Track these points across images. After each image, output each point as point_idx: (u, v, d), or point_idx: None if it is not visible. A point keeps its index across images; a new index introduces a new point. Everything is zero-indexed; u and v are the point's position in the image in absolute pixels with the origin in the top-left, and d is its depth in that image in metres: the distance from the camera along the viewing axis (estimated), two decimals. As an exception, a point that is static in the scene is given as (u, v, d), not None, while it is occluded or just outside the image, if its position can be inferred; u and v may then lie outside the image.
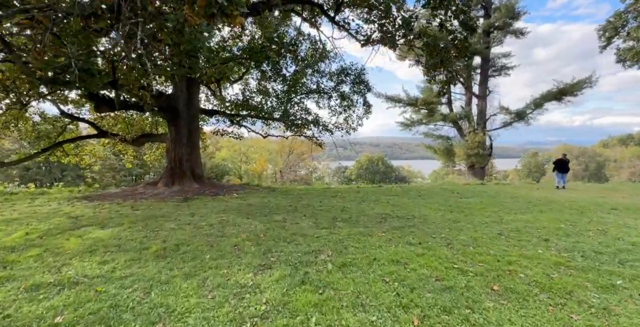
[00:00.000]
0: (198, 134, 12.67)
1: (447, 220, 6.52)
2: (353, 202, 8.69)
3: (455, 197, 9.74)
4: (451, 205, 8.21)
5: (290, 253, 4.45)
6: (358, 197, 9.71)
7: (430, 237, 5.24)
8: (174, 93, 11.75)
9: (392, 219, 6.65)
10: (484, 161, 22.22)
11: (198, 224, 6.21)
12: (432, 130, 26.62)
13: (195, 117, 12.33)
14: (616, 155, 60.36)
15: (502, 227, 5.89)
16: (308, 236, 5.33)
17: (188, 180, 11.46)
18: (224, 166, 48.07)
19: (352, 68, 15.79)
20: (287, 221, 6.47)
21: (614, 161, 59.19)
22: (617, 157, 59.63)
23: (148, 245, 4.86)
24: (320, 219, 6.65)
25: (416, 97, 25.89)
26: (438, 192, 11.25)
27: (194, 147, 12.11)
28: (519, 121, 22.34)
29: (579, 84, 20.89)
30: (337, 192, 11.29)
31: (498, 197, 9.87)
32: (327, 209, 7.73)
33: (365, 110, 16.40)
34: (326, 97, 16.19)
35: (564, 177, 12.56)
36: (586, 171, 60.62)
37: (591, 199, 9.46)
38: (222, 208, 7.87)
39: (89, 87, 3.74)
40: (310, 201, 9.06)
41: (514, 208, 7.74)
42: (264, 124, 15.46)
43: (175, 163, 11.60)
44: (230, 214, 7.10)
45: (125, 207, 7.95)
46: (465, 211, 7.45)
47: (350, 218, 6.67)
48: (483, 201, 8.80)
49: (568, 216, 6.82)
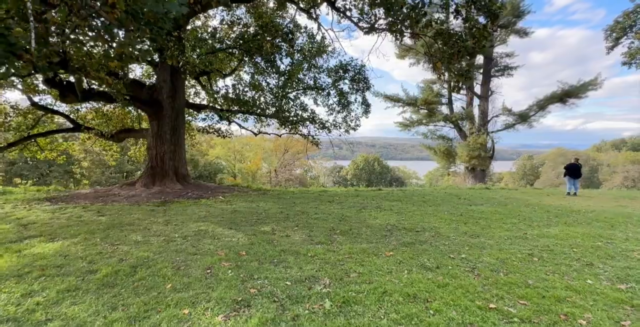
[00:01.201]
0: (183, 130, 11.62)
1: (462, 234, 5.61)
2: (352, 209, 7.74)
3: (464, 204, 8.85)
4: (462, 214, 7.31)
5: (277, 281, 3.49)
6: (357, 203, 8.77)
7: (448, 258, 4.31)
8: (156, 84, 10.68)
9: (399, 231, 5.71)
10: (486, 164, 21.47)
11: (170, 236, 5.21)
12: (432, 131, 25.81)
13: (181, 112, 11.28)
14: (609, 160, 60.38)
15: (530, 245, 4.98)
16: (300, 255, 4.37)
17: (170, 180, 10.41)
18: (217, 164, 46.89)
19: (352, 64, 14.87)
20: (276, 233, 5.50)
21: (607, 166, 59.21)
22: (610, 161, 59.67)
23: (98, 266, 3.85)
24: (316, 230, 5.69)
25: (416, 97, 25.07)
26: (443, 197, 10.35)
27: (179, 145, 11.06)
28: (521, 123, 21.62)
29: (584, 86, 20.22)
30: (334, 196, 10.33)
31: (510, 204, 9.00)
32: (324, 217, 6.77)
33: (364, 110, 15.50)
34: (324, 94, 15.27)
35: (576, 183, 11.76)
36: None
37: (613, 208, 8.64)
38: (202, 214, 6.86)
39: (8, 64, 2.80)
40: (304, 206, 8.09)
41: (534, 219, 6.86)
42: (257, 121, 14.44)
43: (156, 161, 10.54)
44: (210, 223, 6.11)
45: (91, 212, 6.90)
46: (481, 222, 6.55)
47: (351, 230, 5.72)
48: (497, 210, 7.91)
49: (599, 231, 5.95)
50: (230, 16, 13.02)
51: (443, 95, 25.25)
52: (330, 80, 14.90)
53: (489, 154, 21.34)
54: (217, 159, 47.43)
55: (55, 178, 32.06)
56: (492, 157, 21.77)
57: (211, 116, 13.77)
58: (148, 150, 10.88)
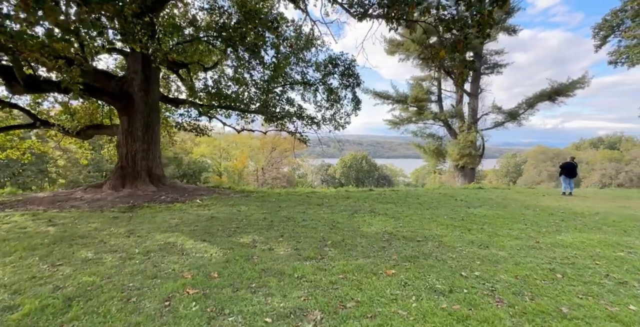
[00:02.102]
0: (159, 127, 10.61)
1: (469, 243, 4.97)
2: (344, 214, 7.02)
3: (462, 207, 8.28)
4: (464, 218, 6.70)
5: (254, 317, 2.72)
6: (349, 206, 8.06)
7: (460, 277, 3.64)
8: (126, 75, 9.64)
9: (398, 241, 5.02)
10: (476, 162, 21.21)
11: (129, 252, 4.35)
12: (421, 129, 25.41)
13: (155, 107, 10.27)
14: (588, 158, 62.17)
15: (547, 257, 4.39)
16: (285, 276, 3.61)
17: (142, 182, 9.43)
18: (202, 163, 45.43)
19: (342, 58, 14.15)
20: (257, 245, 4.72)
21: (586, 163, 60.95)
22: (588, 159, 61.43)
23: (22, 299, 2.99)
24: (304, 241, 4.94)
25: (405, 94, 24.59)
26: (438, 198, 9.79)
27: (153, 143, 10.06)
28: (511, 121, 21.43)
29: (573, 84, 20.16)
30: (324, 198, 9.60)
31: (510, 206, 8.50)
32: (312, 224, 6.02)
33: (354, 106, 14.83)
34: (312, 90, 14.50)
35: (572, 182, 11.43)
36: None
37: (615, 210, 8.26)
38: (174, 222, 6.00)
39: None
40: (291, 211, 7.32)
41: (542, 224, 6.32)
42: (240, 117, 13.52)
43: (126, 161, 9.53)
44: (181, 233, 5.26)
45: (40, 221, 5.92)
46: (486, 228, 5.95)
47: (344, 241, 4.99)
48: (499, 213, 7.36)
49: (614, 237, 5.44)
50: (211, 2, 12.03)
51: (433, 92, 24.88)
52: (319, 75, 14.15)
53: (479, 153, 21.08)
54: (202, 158, 45.97)
55: (29, 177, 30.13)
56: (482, 155, 21.53)
57: (189, 112, 12.76)
58: (118, 148, 9.85)
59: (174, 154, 41.21)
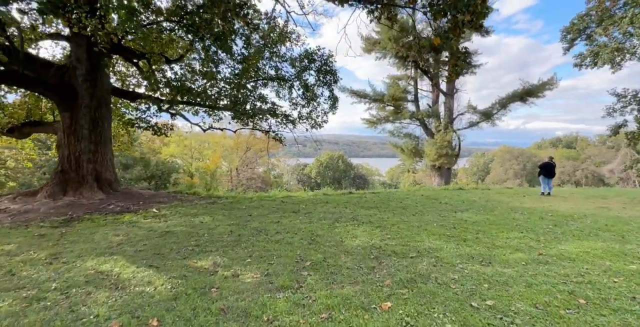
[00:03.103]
0: (109, 124, 9.25)
1: (468, 258, 4.33)
2: (324, 224, 6.20)
3: (448, 211, 7.75)
4: (455, 226, 6.11)
5: None
6: (328, 213, 7.26)
7: (471, 310, 2.94)
8: (67, 64, 8.25)
9: (389, 259, 4.28)
10: (452, 162, 21.25)
11: (42, 288, 3.27)
12: (397, 129, 25.23)
13: (104, 101, 8.92)
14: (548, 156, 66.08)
15: (559, 275, 3.81)
16: (251, 318, 2.73)
17: (88, 188, 8.09)
18: (172, 163, 42.92)
19: (319, 54, 13.36)
20: (219, 271, 3.79)
21: (547, 162, 64.72)
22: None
23: None
24: (277, 263, 4.06)
25: (382, 92, 24.27)
26: (422, 202, 9.24)
27: (102, 143, 8.72)
28: (486, 121, 21.68)
29: (543, 85, 20.70)
30: (300, 203, 8.74)
31: (496, 209, 8.09)
32: (288, 238, 5.15)
33: (331, 104, 14.10)
34: (287, 87, 13.59)
35: (550, 182, 11.37)
36: (524, 170, 65.60)
37: (599, 211, 8.08)
38: (116, 241, 4.89)
39: None
40: (263, 221, 6.39)
41: (537, 231, 5.85)
42: (207, 114, 12.31)
43: (69, 164, 8.15)
44: (122, 257, 4.20)
45: None
46: (481, 237, 5.37)
47: (325, 260, 4.17)
48: (489, 218, 6.86)
49: (616, 245, 5.04)
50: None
51: (409, 91, 24.75)
52: (294, 71, 13.28)
53: (455, 152, 21.12)
54: (171, 158, 43.46)
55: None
56: (458, 155, 21.61)
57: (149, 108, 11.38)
58: (58, 149, 8.44)
59: (140, 154, 38.58)
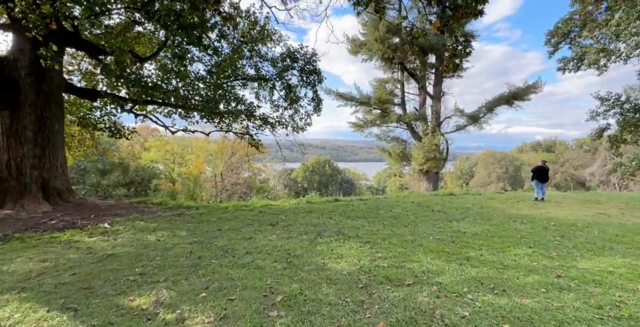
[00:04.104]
0: (62, 125, 8.12)
1: (477, 284, 3.55)
2: (304, 239, 5.33)
3: (443, 221, 7.02)
4: (454, 240, 5.36)
5: None
6: (310, 226, 6.39)
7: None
8: (7, 55, 7.13)
9: (381, 287, 3.45)
10: (440, 166, 20.80)
11: None
12: (384, 133, 24.70)
13: (56, 98, 7.81)
14: (529, 160, 67.51)
15: (590, 306, 3.08)
16: None
17: (32, 199, 6.95)
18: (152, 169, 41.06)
19: (301, 52, 12.62)
20: (159, 314, 2.85)
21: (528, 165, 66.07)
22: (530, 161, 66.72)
23: None
24: (240, 299, 3.16)
25: (369, 95, 23.73)
26: (414, 210, 8.51)
27: (51, 146, 7.59)
28: (473, 124, 21.40)
29: (528, 88, 20.62)
30: (280, 213, 7.84)
31: (494, 218, 7.43)
32: (259, 261, 4.24)
33: (315, 106, 13.32)
34: (268, 88, 12.74)
35: (544, 187, 10.89)
36: (507, 173, 66.81)
37: (600, 219, 7.54)
38: (38, 269, 3.87)
39: None
40: (233, 237, 5.46)
41: (546, 244, 5.16)
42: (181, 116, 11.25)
43: (8, 170, 6.99)
44: (34, 292, 3.21)
45: None
46: (485, 254, 4.62)
47: (302, 293, 3.29)
48: (489, 229, 6.16)
49: (636, 261, 4.39)
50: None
51: (396, 95, 24.33)
52: (276, 70, 12.46)
53: (443, 156, 20.70)
54: (152, 163, 41.62)
55: None
56: (446, 159, 21.20)
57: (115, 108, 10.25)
58: (-4, 154, 7.24)
59: (118, 159, 36.69)
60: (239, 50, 11.72)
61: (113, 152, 37.36)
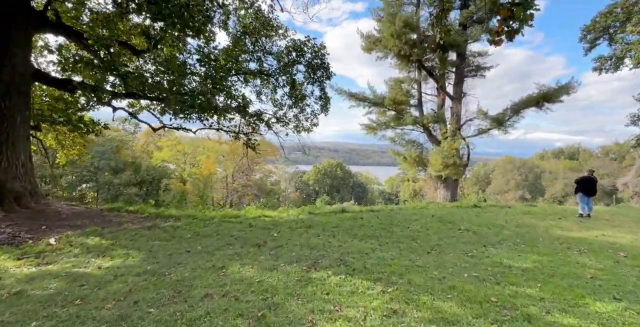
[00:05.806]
0: (24, 117, 7.06)
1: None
2: (293, 272, 3.95)
3: (476, 245, 5.52)
4: (498, 280, 3.87)
5: None
6: (306, 249, 5.02)
7: None
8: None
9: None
10: (460, 172, 19.07)
11: None
12: (399, 135, 23.11)
13: (19, 87, 6.76)
14: (551, 167, 64.03)
15: None
16: None
17: (-21, 205, 5.86)
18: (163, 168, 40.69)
19: (309, 44, 11.34)
20: None
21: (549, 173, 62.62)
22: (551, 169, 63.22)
23: None
24: None
25: (383, 95, 22.25)
26: (433, 226, 7.01)
27: (10, 142, 6.53)
28: (497, 128, 19.57)
29: (561, 89, 18.67)
30: (273, 227, 6.51)
31: (540, 243, 5.86)
32: (216, 314, 2.89)
33: (322, 106, 11.98)
34: (271, 85, 11.51)
35: (590, 202, 9.14)
36: (526, 181, 63.69)
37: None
38: None
39: None
40: (199, 265, 4.14)
41: (636, 293, 3.63)
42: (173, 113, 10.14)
43: (-47, 171, 5.93)
44: None
45: None
46: (549, 307, 3.13)
47: None
48: (542, 262, 4.63)
49: None
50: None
51: (412, 95, 22.75)
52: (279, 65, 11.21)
53: (464, 162, 18.96)
54: (163, 163, 41.33)
55: None
56: (467, 165, 19.45)
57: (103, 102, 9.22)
58: (-57, 150, 6.22)
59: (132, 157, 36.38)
60: (240, 42, 10.60)
61: (127, 151, 37.09)
